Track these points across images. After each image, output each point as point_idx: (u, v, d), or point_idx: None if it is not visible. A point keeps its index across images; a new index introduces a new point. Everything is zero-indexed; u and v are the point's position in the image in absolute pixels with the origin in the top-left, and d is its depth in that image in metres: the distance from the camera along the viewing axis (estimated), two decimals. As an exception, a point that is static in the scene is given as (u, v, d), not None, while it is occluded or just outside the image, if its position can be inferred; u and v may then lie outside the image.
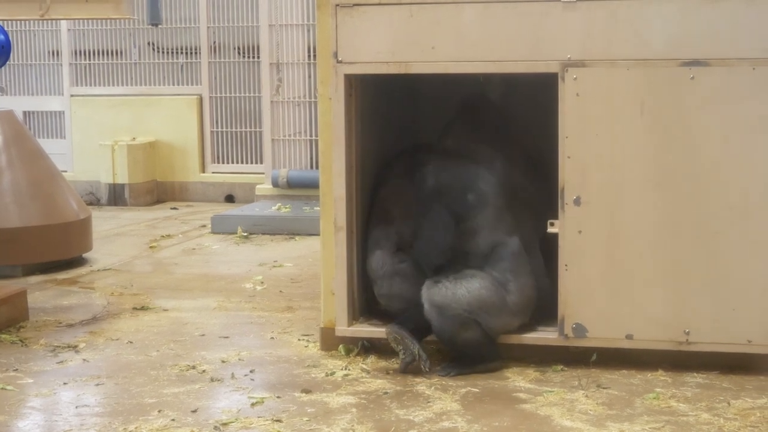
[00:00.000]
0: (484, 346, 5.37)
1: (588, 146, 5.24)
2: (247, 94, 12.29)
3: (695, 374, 5.23)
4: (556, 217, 5.32)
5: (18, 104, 12.25)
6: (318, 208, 5.85)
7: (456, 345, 5.40)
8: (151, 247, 9.32)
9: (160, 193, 12.37)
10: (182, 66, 12.47)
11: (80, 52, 12.75)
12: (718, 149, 5.15)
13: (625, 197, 5.24)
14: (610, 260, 5.27)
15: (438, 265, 5.47)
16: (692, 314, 5.22)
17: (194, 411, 4.84)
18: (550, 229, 5.32)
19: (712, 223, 5.17)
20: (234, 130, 12.35)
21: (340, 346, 5.68)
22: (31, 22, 12.15)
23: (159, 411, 4.85)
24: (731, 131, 5.14)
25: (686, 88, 5.13)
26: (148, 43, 12.59)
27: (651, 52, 5.16)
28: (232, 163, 12.37)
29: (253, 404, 4.93)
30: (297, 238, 9.56)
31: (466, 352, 5.39)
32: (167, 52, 12.54)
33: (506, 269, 5.42)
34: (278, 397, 5.03)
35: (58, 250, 8.20)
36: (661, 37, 5.15)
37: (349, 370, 5.41)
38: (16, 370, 5.56)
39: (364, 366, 5.46)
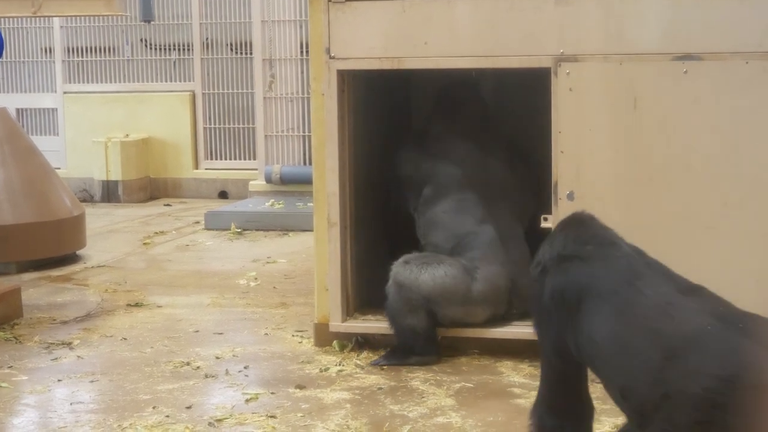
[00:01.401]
0: (421, 338, 5.39)
1: (581, 141, 5.24)
2: (239, 91, 12.27)
3: (689, 368, 5.23)
4: (544, 205, 5.34)
5: (11, 101, 12.24)
6: (311, 204, 5.85)
7: (398, 326, 5.41)
8: (144, 243, 9.31)
9: (153, 189, 12.36)
10: (175, 62, 12.46)
11: (73, 49, 12.73)
12: (711, 143, 5.15)
13: (619, 192, 5.24)
14: (603, 255, 5.26)
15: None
16: (685, 308, 5.21)
17: (189, 407, 4.85)
18: (544, 224, 5.32)
19: (706, 217, 5.16)
20: (227, 126, 12.33)
21: (334, 341, 5.68)
22: (24, 19, 12.12)
23: (153, 407, 4.85)
24: (725, 125, 5.14)
25: (679, 82, 5.13)
26: (141, 40, 12.57)
27: (644, 47, 5.16)
28: (225, 159, 12.36)
29: (247, 400, 4.93)
30: (290, 234, 9.54)
31: (404, 339, 5.41)
32: (160, 49, 12.52)
33: (475, 257, 5.45)
34: (272, 393, 5.03)
35: (52, 247, 8.19)
36: (654, 31, 5.15)
37: (343, 365, 5.41)
38: (11, 367, 5.55)
39: (358, 362, 5.47)
